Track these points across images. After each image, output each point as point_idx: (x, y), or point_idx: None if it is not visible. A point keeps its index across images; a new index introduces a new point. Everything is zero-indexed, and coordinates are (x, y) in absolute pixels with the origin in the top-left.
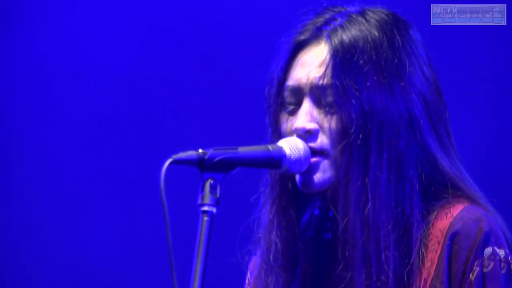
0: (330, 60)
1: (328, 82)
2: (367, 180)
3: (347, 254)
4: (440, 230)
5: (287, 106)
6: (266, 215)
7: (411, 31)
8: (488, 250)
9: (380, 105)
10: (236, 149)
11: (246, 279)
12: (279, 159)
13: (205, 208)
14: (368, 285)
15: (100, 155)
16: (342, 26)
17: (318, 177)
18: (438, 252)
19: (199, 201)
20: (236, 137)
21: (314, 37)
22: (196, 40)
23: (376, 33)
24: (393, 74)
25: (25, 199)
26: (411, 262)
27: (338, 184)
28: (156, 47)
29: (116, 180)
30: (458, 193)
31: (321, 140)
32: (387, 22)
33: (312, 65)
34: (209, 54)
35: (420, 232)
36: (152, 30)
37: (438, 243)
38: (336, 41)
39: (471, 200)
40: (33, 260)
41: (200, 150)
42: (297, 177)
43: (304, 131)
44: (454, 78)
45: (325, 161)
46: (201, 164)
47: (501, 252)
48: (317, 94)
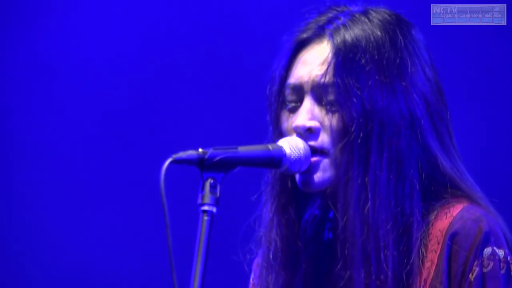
0: (332, 59)
1: (330, 81)
2: (367, 179)
3: (347, 253)
4: (440, 230)
5: (288, 104)
6: (267, 214)
7: (414, 32)
8: (488, 250)
9: (381, 105)
10: (236, 149)
11: (251, 279)
12: (279, 159)
13: (205, 208)
14: (367, 284)
15: (100, 155)
16: (345, 25)
17: (318, 177)
18: (438, 252)
19: (199, 201)
20: (236, 137)
21: (317, 36)
22: (197, 40)
23: (379, 33)
24: (395, 74)
25: (25, 199)
26: (411, 262)
27: (338, 183)
28: (156, 47)
29: (116, 180)
30: (458, 193)
31: (322, 139)
32: (390, 22)
33: (314, 63)
34: (209, 54)
35: (420, 232)
36: (152, 30)
37: (438, 243)
38: (339, 40)
39: (471, 200)
40: (33, 260)
41: (200, 150)
42: (297, 177)
43: (305, 129)
44: (454, 78)
45: (325, 160)
46: (201, 164)
47: (501, 252)
48: (319, 92)
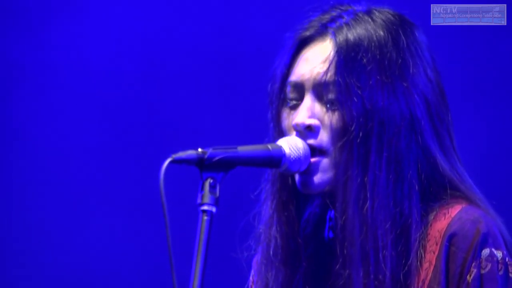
0: (334, 57)
1: (331, 79)
2: (366, 179)
3: (346, 252)
4: (438, 231)
5: (289, 102)
6: (267, 211)
7: (417, 33)
8: (486, 252)
9: (382, 104)
10: (236, 149)
11: (250, 276)
12: (279, 158)
13: (205, 208)
14: (366, 284)
15: (100, 155)
16: (348, 24)
17: (318, 178)
18: (436, 253)
19: (199, 201)
20: (236, 137)
21: (319, 34)
22: (197, 40)
23: (382, 33)
24: (396, 74)
25: (25, 199)
26: (409, 263)
27: (337, 182)
28: (156, 47)
29: (116, 180)
30: (457, 194)
31: (321, 137)
32: (393, 23)
33: (316, 61)
34: (210, 54)
35: (419, 233)
36: (152, 30)
37: (436, 244)
38: (341, 39)
39: (470, 201)
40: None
41: (200, 150)
42: (297, 178)
43: (304, 127)
44: (454, 78)
45: (325, 160)
46: (201, 164)
47: (499, 254)
48: (319, 90)
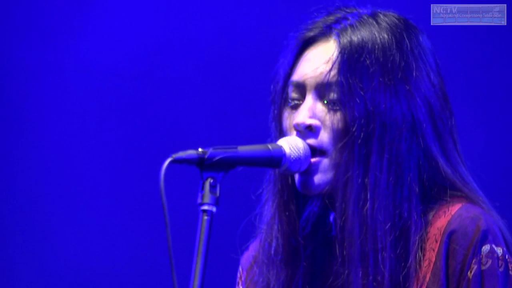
0: (337, 58)
1: (334, 79)
2: (367, 180)
3: (345, 253)
4: (438, 229)
5: (291, 101)
6: (268, 211)
7: (421, 37)
8: (486, 248)
9: (384, 107)
10: (236, 148)
11: (238, 273)
12: (279, 158)
13: (205, 207)
14: (365, 285)
15: (100, 155)
16: (353, 26)
17: (318, 178)
18: (436, 250)
19: (199, 200)
20: (236, 137)
21: (323, 35)
22: (197, 40)
23: (386, 36)
24: (399, 77)
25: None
26: (408, 266)
27: (337, 183)
28: (156, 47)
29: (116, 180)
30: (458, 194)
31: (321, 138)
32: (398, 26)
33: (319, 62)
34: (210, 54)
35: (418, 236)
36: (153, 30)
37: (436, 241)
38: (345, 40)
39: (470, 200)
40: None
41: (200, 149)
42: (296, 178)
43: (304, 126)
44: (454, 78)
45: (325, 161)
46: (201, 163)
47: (499, 250)
48: (321, 91)
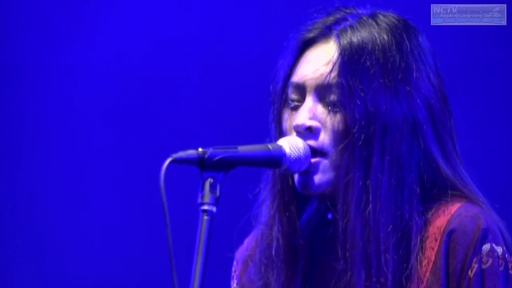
0: (338, 59)
1: (334, 80)
2: (369, 182)
3: (348, 255)
4: (438, 228)
5: (291, 103)
6: (267, 211)
7: (421, 38)
8: (486, 247)
9: (385, 108)
10: (236, 148)
11: (233, 267)
12: (279, 158)
13: (205, 207)
14: (368, 286)
15: (100, 154)
16: (352, 27)
17: (318, 178)
18: (435, 249)
19: (199, 200)
20: (236, 137)
21: (323, 36)
22: (198, 40)
23: (386, 37)
24: (399, 78)
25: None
26: (410, 267)
27: (338, 184)
28: (156, 47)
29: (116, 180)
30: (457, 193)
31: (322, 139)
32: (397, 27)
33: (319, 63)
34: (210, 55)
35: (419, 237)
36: (152, 30)
37: (436, 240)
38: (345, 41)
39: (469, 200)
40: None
41: (200, 149)
42: (296, 178)
43: (304, 128)
44: (454, 78)
45: (325, 161)
46: (201, 163)
47: (499, 249)
48: (321, 92)
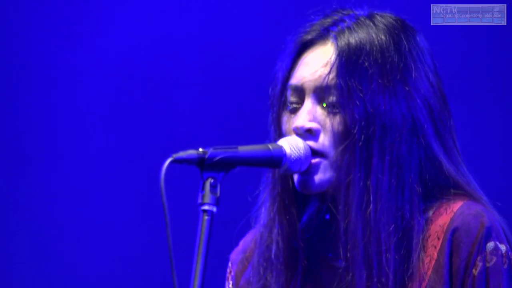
0: (336, 60)
1: (332, 82)
2: (369, 182)
3: (349, 255)
4: (440, 226)
5: (290, 105)
6: (266, 213)
7: (419, 38)
8: (490, 245)
9: (384, 108)
10: (236, 148)
11: (228, 268)
12: (279, 158)
13: (205, 207)
14: (369, 286)
15: (100, 154)
16: (350, 28)
17: (318, 178)
18: (438, 247)
19: (199, 200)
20: (236, 137)
21: (321, 37)
22: (198, 42)
23: (383, 37)
24: (398, 79)
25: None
26: (411, 266)
27: (339, 185)
28: (157, 47)
29: (116, 180)
30: (459, 192)
31: (322, 141)
32: (395, 27)
33: (317, 65)
34: (210, 55)
35: (421, 236)
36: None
37: (438, 238)
38: (343, 43)
39: (471, 198)
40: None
41: (200, 149)
42: (296, 178)
43: (304, 130)
44: (454, 78)
45: (325, 162)
46: (201, 163)
47: (503, 247)
48: (320, 94)
